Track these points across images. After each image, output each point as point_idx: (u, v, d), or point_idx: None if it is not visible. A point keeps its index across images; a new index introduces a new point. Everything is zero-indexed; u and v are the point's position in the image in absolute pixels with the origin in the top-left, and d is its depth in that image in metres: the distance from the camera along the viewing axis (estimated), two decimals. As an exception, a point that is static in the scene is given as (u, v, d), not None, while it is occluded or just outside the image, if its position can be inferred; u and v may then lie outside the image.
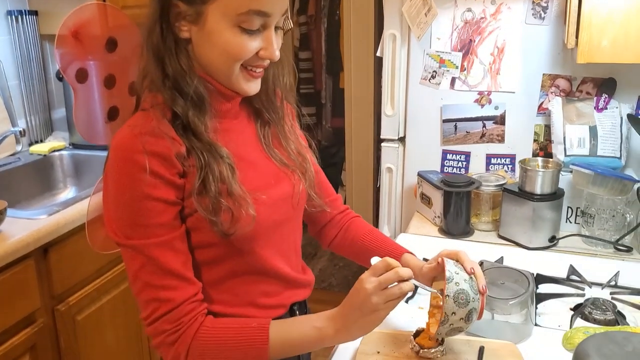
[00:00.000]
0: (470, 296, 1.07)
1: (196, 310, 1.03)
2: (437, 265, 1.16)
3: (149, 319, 1.01)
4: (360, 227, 1.36)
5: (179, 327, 1.01)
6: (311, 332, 1.04)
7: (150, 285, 1.00)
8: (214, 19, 0.98)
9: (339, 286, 3.81)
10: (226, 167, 1.02)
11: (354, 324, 1.02)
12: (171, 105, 1.01)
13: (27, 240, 1.70)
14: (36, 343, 1.77)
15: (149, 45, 1.02)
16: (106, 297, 2.05)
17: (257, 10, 0.98)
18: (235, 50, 1.00)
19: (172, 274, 1.00)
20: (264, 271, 1.12)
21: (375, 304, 1.00)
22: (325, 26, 4.21)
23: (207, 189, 1.00)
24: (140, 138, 0.97)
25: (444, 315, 1.06)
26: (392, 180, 2.22)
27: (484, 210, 1.90)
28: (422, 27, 2.00)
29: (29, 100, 2.50)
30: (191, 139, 1.01)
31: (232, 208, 1.01)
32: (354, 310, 1.02)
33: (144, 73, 1.04)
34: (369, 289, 1.00)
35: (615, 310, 1.38)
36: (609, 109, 1.88)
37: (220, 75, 1.04)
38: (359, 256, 1.34)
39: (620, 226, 1.73)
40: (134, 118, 1.02)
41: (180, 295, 1.01)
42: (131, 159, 0.96)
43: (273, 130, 1.18)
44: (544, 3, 1.90)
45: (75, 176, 2.50)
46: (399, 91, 2.13)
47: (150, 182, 0.97)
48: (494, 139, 2.05)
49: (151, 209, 0.98)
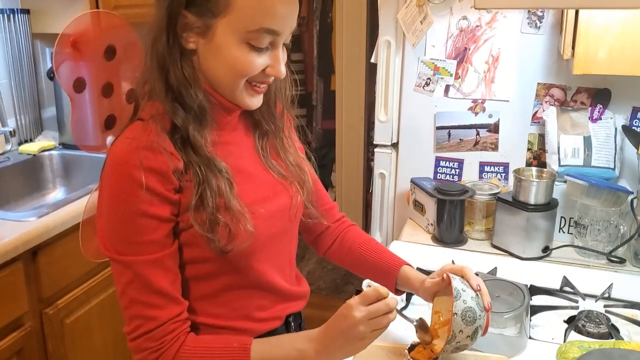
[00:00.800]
0: (477, 314, 1.07)
1: (179, 329, 1.02)
2: (442, 281, 1.15)
3: (133, 335, 1.00)
4: (357, 236, 1.35)
5: (161, 346, 1.00)
6: (293, 353, 1.04)
7: (137, 301, 0.99)
8: (223, 34, 0.97)
9: (328, 289, 3.80)
10: (224, 182, 1.01)
11: (337, 349, 1.02)
12: (171, 116, 0.99)
13: (16, 243, 1.68)
14: (23, 347, 1.75)
15: (154, 53, 1.00)
16: (95, 300, 2.03)
17: (268, 28, 0.97)
18: (242, 66, 0.99)
19: (159, 293, 0.99)
20: (260, 285, 1.11)
21: (362, 332, 1.00)
22: (318, 28, 4.21)
23: (204, 205, 0.99)
24: (138, 153, 0.95)
25: (452, 333, 1.05)
26: (385, 186, 2.21)
27: (478, 219, 1.90)
28: (418, 34, 1.99)
29: (19, 99, 2.47)
30: (189, 154, 1.00)
31: (229, 224, 1.00)
32: (338, 335, 1.01)
33: (144, 80, 1.03)
34: (358, 317, 0.99)
35: (609, 324, 1.38)
36: (603, 120, 1.88)
37: (224, 89, 1.03)
38: (355, 266, 1.33)
39: (613, 237, 1.74)
40: (133, 129, 1.01)
41: (165, 314, 1.00)
42: (128, 174, 0.95)
43: (271, 142, 1.17)
44: (540, 12, 1.90)
45: (65, 176, 2.48)
46: (392, 97, 2.12)
47: (146, 199, 0.95)
48: (488, 147, 2.05)
49: (145, 225, 0.97)
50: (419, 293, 1.22)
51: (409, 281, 1.25)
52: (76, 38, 1.53)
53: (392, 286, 1.28)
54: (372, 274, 1.32)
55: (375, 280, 1.33)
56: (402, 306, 1.48)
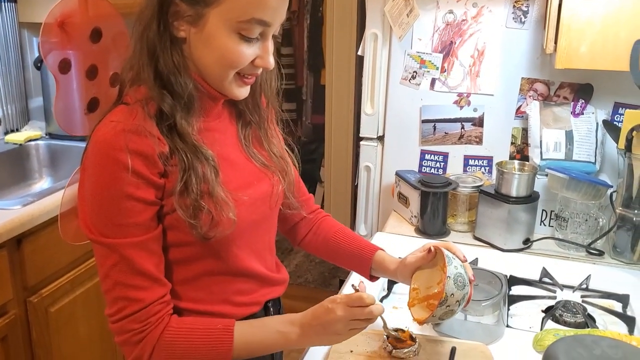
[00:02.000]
0: (465, 280, 1.10)
1: (163, 310, 1.03)
2: (427, 254, 1.17)
3: (115, 317, 1.01)
4: (331, 225, 1.37)
5: (145, 327, 1.01)
6: (275, 336, 1.06)
7: (121, 283, 0.99)
8: (214, 23, 0.97)
9: (315, 282, 3.81)
10: (210, 169, 1.02)
11: (315, 336, 1.06)
12: (159, 103, 0.99)
13: (0, 231, 1.68)
14: (7, 334, 1.75)
15: (144, 40, 1.00)
16: (80, 289, 2.03)
17: (260, 19, 0.98)
18: (231, 56, 0.99)
19: (144, 275, 1.00)
20: (239, 271, 1.12)
21: (340, 329, 1.03)
22: (308, 22, 4.20)
23: (188, 191, 1.00)
24: (123, 135, 0.95)
25: (444, 296, 1.07)
26: (370, 178, 2.22)
27: (461, 211, 1.92)
28: (404, 27, 2.01)
29: (6, 88, 2.46)
30: (175, 140, 1.00)
31: (212, 211, 1.01)
32: (318, 325, 1.04)
33: (130, 65, 1.03)
34: (339, 316, 1.02)
35: (586, 313, 1.40)
36: (585, 114, 1.91)
37: (213, 78, 1.03)
38: (330, 254, 1.35)
39: (592, 230, 1.76)
40: (117, 113, 1.01)
41: (150, 295, 1.01)
42: (113, 157, 0.95)
43: (254, 132, 1.18)
44: (525, 7, 1.92)
45: (51, 166, 2.47)
46: (379, 90, 2.13)
47: (132, 182, 0.96)
48: (472, 140, 2.07)
49: (130, 208, 0.97)
50: (397, 274, 1.23)
51: (384, 264, 1.27)
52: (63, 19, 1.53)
53: (367, 272, 1.30)
54: (346, 262, 1.34)
55: (349, 267, 1.35)
56: (384, 295, 1.50)
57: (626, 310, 1.47)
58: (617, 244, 1.73)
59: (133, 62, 1.03)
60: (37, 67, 2.52)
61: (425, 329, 1.33)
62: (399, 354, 1.17)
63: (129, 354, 1.03)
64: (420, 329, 1.30)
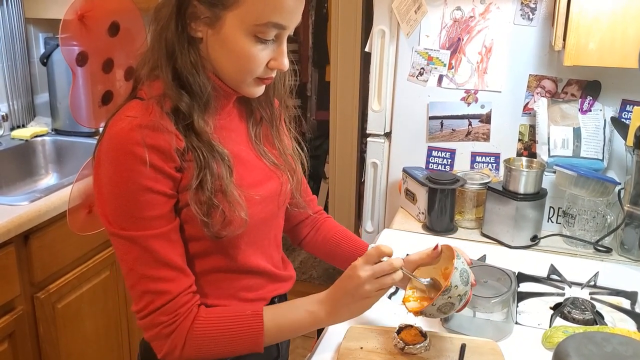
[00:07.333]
0: (469, 279, 1.10)
1: (191, 301, 1.03)
2: (432, 251, 1.17)
3: (144, 312, 1.01)
4: (332, 226, 1.39)
5: (175, 319, 1.01)
6: (304, 316, 1.07)
7: (146, 277, 0.99)
8: (231, 26, 0.97)
9: (320, 278, 3.82)
10: (225, 168, 1.02)
11: (344, 308, 1.06)
12: (177, 102, 1.00)
13: (8, 227, 1.68)
14: (15, 330, 1.76)
15: (162, 40, 1.00)
16: (87, 285, 2.04)
17: (276, 23, 0.98)
18: (247, 58, 1.00)
19: (169, 266, 1.00)
20: (247, 268, 1.13)
21: (368, 291, 1.03)
22: (313, 19, 4.21)
23: (203, 189, 1.00)
24: (139, 131, 0.95)
25: (449, 284, 1.06)
26: (377, 175, 2.22)
27: (468, 208, 1.91)
28: (412, 24, 2.00)
29: (12, 84, 2.46)
30: (192, 138, 1.01)
31: (225, 210, 1.01)
32: (345, 294, 1.05)
33: (146, 60, 1.03)
34: (363, 277, 1.03)
35: (594, 310, 1.40)
36: (593, 111, 1.90)
37: (229, 79, 1.04)
38: (330, 255, 1.36)
39: (600, 227, 1.76)
40: (132, 108, 1.00)
41: (177, 286, 1.01)
42: (130, 151, 0.95)
43: (264, 130, 1.19)
44: (533, 4, 1.91)
45: (57, 162, 2.48)
46: (386, 87, 2.13)
47: (150, 175, 0.96)
48: (480, 137, 2.06)
49: (150, 201, 0.97)
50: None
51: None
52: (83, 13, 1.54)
53: None
54: (346, 262, 1.33)
55: None
56: (392, 292, 1.50)
57: (634, 307, 1.47)
58: (624, 241, 1.72)
59: (148, 58, 1.03)
60: (43, 63, 2.52)
61: (434, 326, 1.33)
62: (411, 349, 1.17)
63: (159, 349, 1.03)
64: (429, 326, 1.30)
